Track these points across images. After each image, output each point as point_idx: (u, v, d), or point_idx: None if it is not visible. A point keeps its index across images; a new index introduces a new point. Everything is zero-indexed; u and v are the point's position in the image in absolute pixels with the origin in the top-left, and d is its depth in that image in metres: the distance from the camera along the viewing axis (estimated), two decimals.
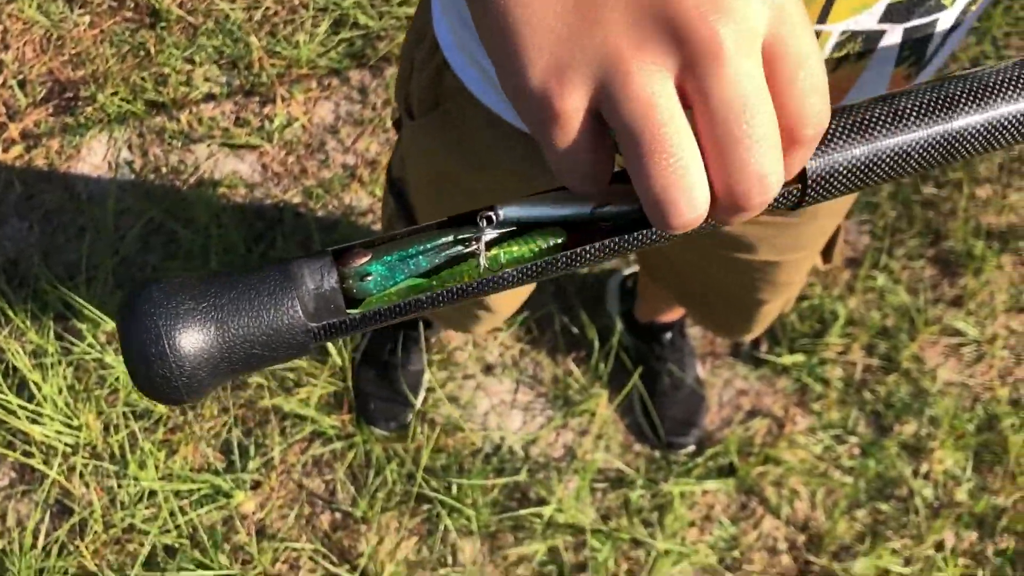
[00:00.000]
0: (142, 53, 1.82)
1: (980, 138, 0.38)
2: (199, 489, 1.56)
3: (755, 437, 1.64)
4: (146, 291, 0.34)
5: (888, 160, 0.37)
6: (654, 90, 0.29)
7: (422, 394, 1.61)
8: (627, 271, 1.69)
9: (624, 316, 1.65)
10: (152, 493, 1.55)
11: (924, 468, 1.63)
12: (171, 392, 0.33)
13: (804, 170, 0.36)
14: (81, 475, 1.56)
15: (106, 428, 1.59)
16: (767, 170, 0.30)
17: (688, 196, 0.30)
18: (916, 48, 0.57)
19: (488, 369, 1.67)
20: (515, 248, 0.36)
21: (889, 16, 0.54)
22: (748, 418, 1.66)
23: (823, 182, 0.37)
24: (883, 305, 1.73)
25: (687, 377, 1.62)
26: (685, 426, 1.60)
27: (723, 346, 1.71)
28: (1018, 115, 0.38)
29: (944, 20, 0.57)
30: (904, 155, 0.37)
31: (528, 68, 0.30)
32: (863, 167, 0.37)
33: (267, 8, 1.86)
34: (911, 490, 1.61)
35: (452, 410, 1.63)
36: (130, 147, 1.77)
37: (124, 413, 1.59)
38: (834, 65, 0.56)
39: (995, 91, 0.38)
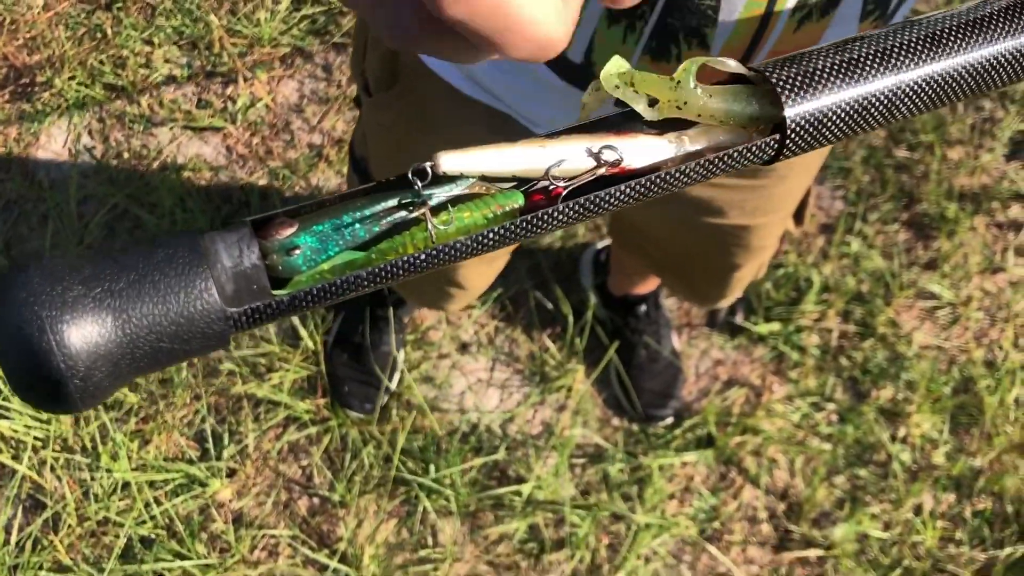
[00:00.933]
0: (99, 35, 1.78)
1: (972, 77, 0.35)
2: (174, 479, 1.53)
3: (733, 407, 1.64)
4: (23, 275, 0.27)
5: (878, 104, 0.34)
6: None
7: (397, 375, 1.59)
8: (600, 244, 1.68)
9: (598, 290, 1.64)
10: (126, 485, 1.53)
11: (902, 432, 1.64)
12: (61, 399, 0.27)
13: (783, 119, 0.32)
14: (52, 469, 1.54)
15: (76, 420, 1.56)
16: None
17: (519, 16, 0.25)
18: (879, 1, 0.56)
19: (463, 348, 1.65)
20: (467, 214, 0.31)
21: None
22: (725, 388, 1.66)
23: (805, 131, 0.33)
24: (858, 271, 1.72)
25: (663, 349, 1.61)
26: (662, 398, 1.59)
27: (699, 317, 1.70)
28: (1002, 53, 0.36)
29: None
30: (895, 98, 0.34)
31: None
32: (851, 113, 0.33)
33: None
34: (889, 455, 1.62)
35: (428, 390, 1.61)
36: (90, 132, 1.73)
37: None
38: (796, 24, 0.54)
39: (978, 28, 0.35)
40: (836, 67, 0.33)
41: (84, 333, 0.27)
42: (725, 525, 1.57)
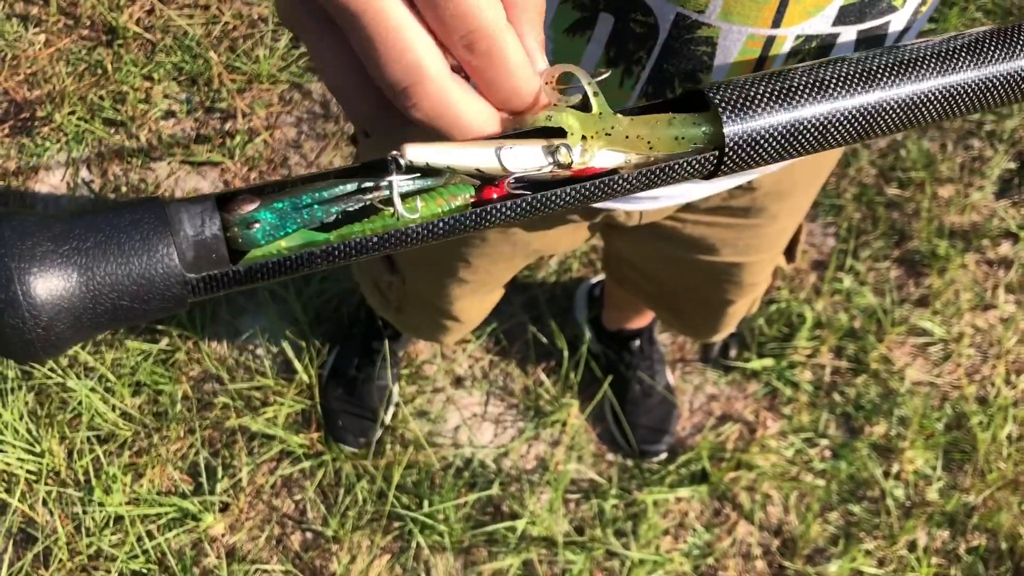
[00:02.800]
0: (99, 71, 1.80)
1: (901, 111, 0.38)
2: (167, 513, 1.53)
3: (727, 442, 1.64)
4: None
5: (810, 130, 0.36)
6: None
7: (391, 409, 1.60)
8: (595, 279, 1.69)
9: (592, 324, 1.65)
10: (119, 518, 1.52)
11: (895, 468, 1.64)
12: (24, 347, 0.29)
13: (722, 135, 0.35)
14: (45, 503, 1.53)
15: (70, 454, 1.56)
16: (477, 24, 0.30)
17: (430, 85, 0.31)
18: (871, 46, 0.57)
19: (458, 382, 1.65)
20: (422, 203, 0.33)
21: (842, 19, 0.54)
22: (719, 424, 1.66)
23: (741, 149, 0.35)
24: (850, 307, 1.73)
25: (657, 384, 1.61)
26: (657, 433, 1.59)
27: (693, 352, 1.71)
28: (944, 88, 0.38)
29: (896, 21, 0.57)
30: (826, 125, 0.36)
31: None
32: (784, 135, 0.36)
33: (226, 23, 1.84)
34: (883, 491, 1.62)
35: (422, 425, 1.61)
36: (89, 166, 1.74)
37: (88, 438, 1.56)
38: None
39: (920, 64, 0.38)
40: (773, 92, 0.35)
41: (50, 286, 0.28)
42: (719, 561, 1.57)
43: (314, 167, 1.76)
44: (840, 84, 0.36)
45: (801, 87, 0.36)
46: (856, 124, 0.37)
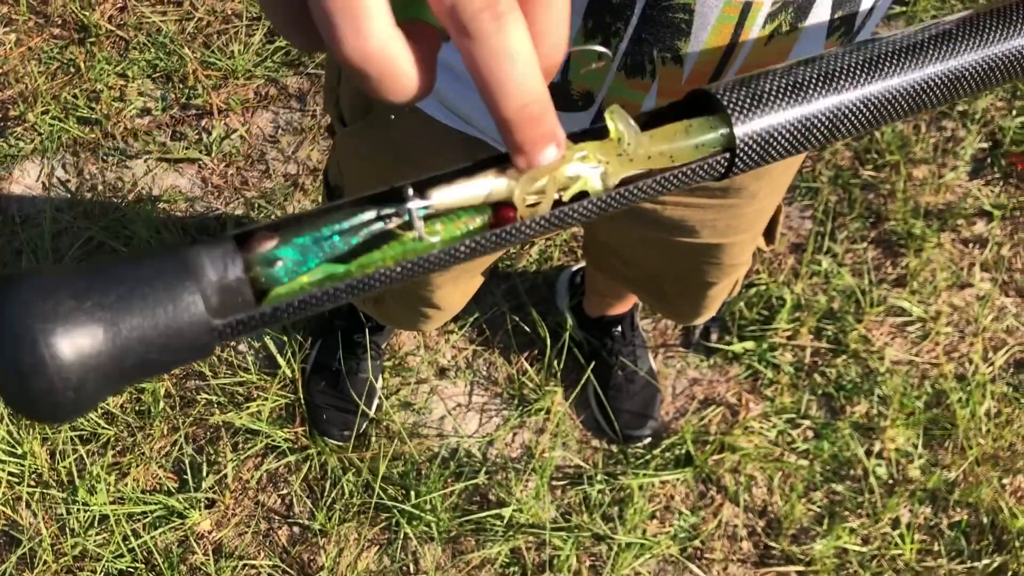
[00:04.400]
0: (72, 70, 1.78)
1: (910, 97, 0.38)
2: (152, 511, 1.52)
3: (710, 426, 1.65)
4: (14, 288, 0.27)
5: (820, 123, 0.36)
6: None
7: (376, 402, 1.60)
8: (576, 267, 1.69)
9: (574, 312, 1.65)
10: (104, 518, 1.51)
11: (877, 447, 1.65)
12: (54, 410, 0.28)
13: (733, 136, 0.35)
14: (28, 504, 1.52)
15: (52, 454, 1.55)
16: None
17: (385, 64, 0.28)
18: (846, 16, 0.58)
19: (441, 372, 1.66)
20: (440, 227, 0.32)
21: None
22: (702, 407, 1.67)
23: (751, 149, 0.35)
24: (829, 288, 1.75)
25: (640, 369, 1.62)
26: (640, 418, 1.60)
27: (674, 337, 1.72)
28: (946, 73, 0.38)
29: None
30: (836, 118, 0.36)
31: None
32: (794, 131, 0.36)
33: (200, 19, 1.83)
34: (865, 470, 1.63)
35: (407, 416, 1.61)
36: (64, 166, 1.73)
37: (71, 438, 1.55)
38: (766, 39, 0.56)
39: (922, 50, 0.38)
40: (781, 89, 0.36)
41: (76, 345, 0.27)
42: (706, 543, 1.58)
43: (292, 162, 1.76)
44: (846, 75, 0.36)
45: (809, 80, 0.36)
46: (864, 114, 0.37)
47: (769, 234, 0.98)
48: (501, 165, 0.33)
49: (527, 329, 1.67)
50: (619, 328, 1.61)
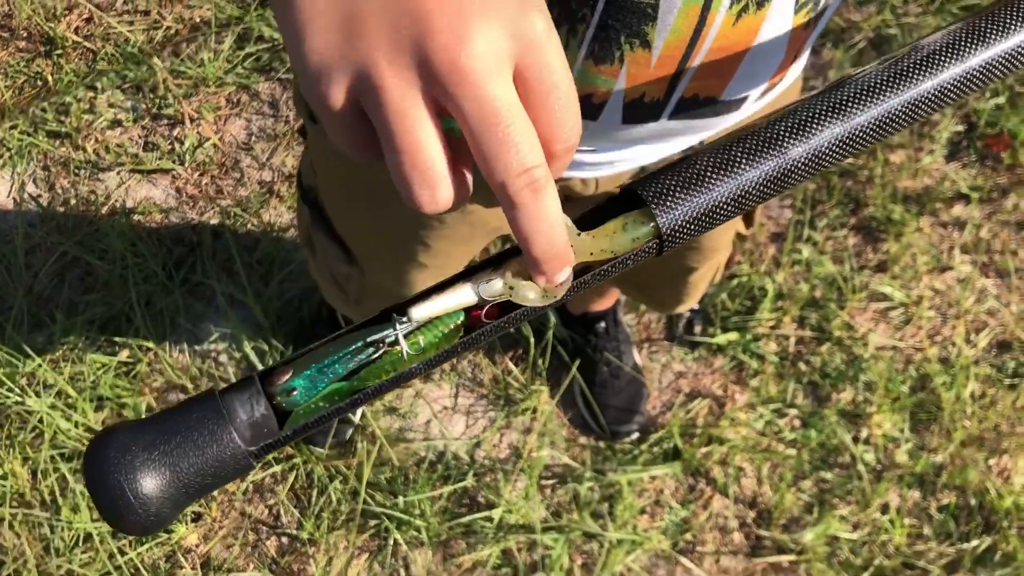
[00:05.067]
0: (39, 83, 1.76)
1: (806, 167, 0.43)
2: None
3: (697, 418, 1.65)
4: (102, 451, 0.37)
5: (727, 203, 0.42)
6: (404, 102, 0.34)
7: (361, 408, 1.58)
8: None
9: (557, 310, 1.65)
10: (88, 536, 1.49)
11: (864, 433, 1.66)
12: (143, 530, 0.38)
13: (657, 227, 0.41)
14: (11, 525, 1.50)
15: (34, 474, 1.53)
16: (531, 162, 0.35)
17: (431, 191, 0.36)
18: None
19: (426, 376, 1.64)
20: (420, 338, 0.40)
21: None
22: (688, 400, 1.67)
23: (674, 234, 0.41)
24: (810, 277, 1.75)
25: (625, 365, 1.61)
26: (627, 414, 1.60)
27: (658, 331, 1.71)
28: (839, 138, 0.44)
29: None
30: (741, 196, 0.42)
31: (304, 62, 0.36)
32: (707, 213, 0.42)
33: (168, 28, 1.81)
34: (853, 456, 1.64)
35: (393, 421, 1.60)
36: (35, 181, 1.71)
37: (52, 456, 1.53)
38: (735, 17, 0.56)
39: (815, 120, 0.43)
40: (686, 180, 0.42)
41: (151, 486, 0.37)
42: (697, 536, 1.58)
43: (267, 168, 1.74)
44: (745, 158, 0.42)
45: (709, 168, 0.42)
46: (767, 187, 0.43)
47: (748, 217, 0.98)
48: (470, 277, 0.40)
49: (510, 329, 1.66)
50: (603, 324, 1.60)
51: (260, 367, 1.57)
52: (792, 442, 1.64)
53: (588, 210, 0.43)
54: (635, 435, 1.61)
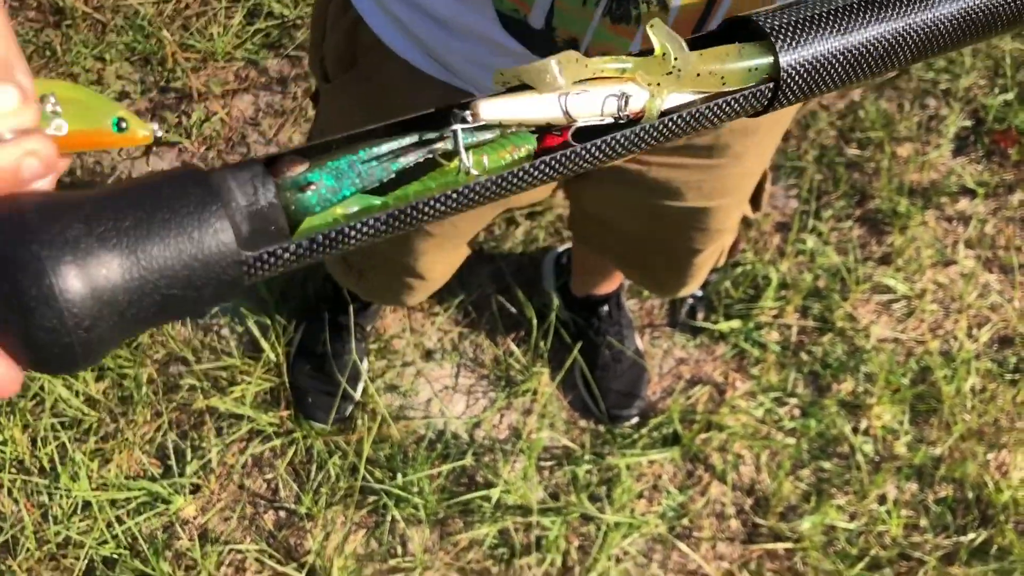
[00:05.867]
0: (48, 53, 1.76)
1: (957, 26, 0.35)
2: (136, 497, 1.51)
3: (697, 405, 1.65)
4: (16, 210, 0.24)
5: (866, 55, 0.34)
6: None
7: (361, 384, 1.58)
8: (561, 248, 1.69)
9: (561, 292, 1.65)
10: (87, 505, 1.49)
11: (863, 424, 1.66)
12: (61, 353, 0.24)
13: (777, 63, 0.33)
14: (9, 491, 1.50)
15: (33, 441, 1.53)
16: None
17: None
18: None
19: (427, 355, 1.64)
20: (484, 157, 0.30)
21: None
22: (689, 386, 1.67)
23: (796, 78, 0.33)
24: (814, 267, 1.75)
25: (627, 349, 1.62)
26: (627, 398, 1.60)
27: (661, 317, 1.71)
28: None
29: None
30: (884, 50, 0.34)
31: None
32: (841, 63, 0.33)
33: (178, 1, 1.81)
34: (852, 447, 1.64)
35: (393, 399, 1.60)
36: None
37: (52, 424, 1.53)
38: None
39: None
40: (828, 14, 0.33)
41: (88, 276, 0.23)
42: (694, 522, 1.58)
43: (273, 144, 1.74)
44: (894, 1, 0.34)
45: (856, 6, 0.34)
46: (914, 43, 0.35)
47: (755, 200, 0.98)
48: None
49: (513, 310, 1.66)
50: (606, 307, 1.60)
51: (264, 342, 1.57)
52: (791, 431, 1.64)
53: (697, 35, 0.35)
54: (635, 419, 1.61)
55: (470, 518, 1.54)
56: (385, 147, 0.29)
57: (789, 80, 0.33)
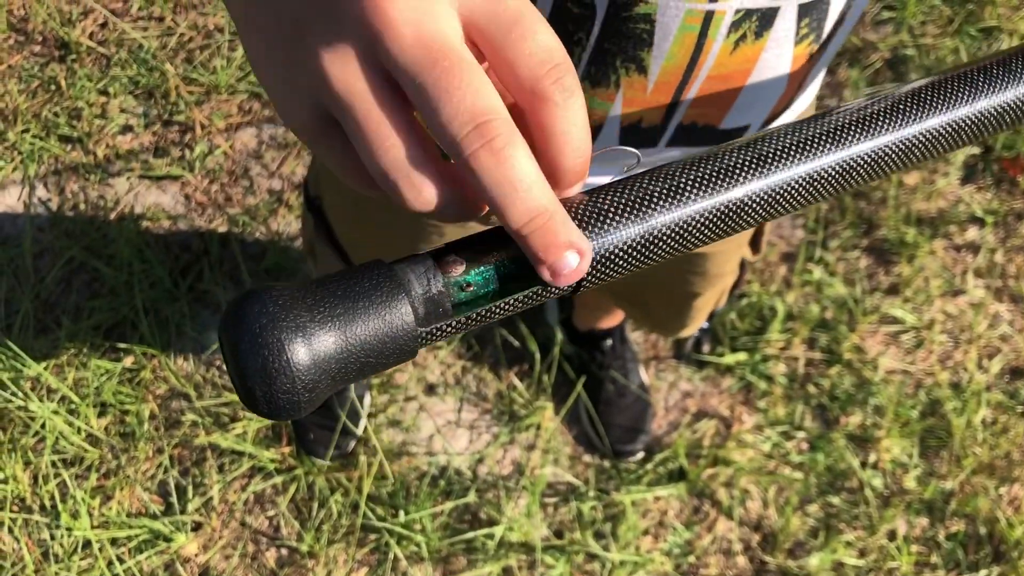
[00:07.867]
0: (53, 87, 1.76)
1: (761, 205, 0.38)
2: (137, 535, 1.50)
3: (703, 439, 1.63)
4: (259, 303, 0.32)
5: (667, 237, 0.36)
6: (356, 84, 0.31)
7: (363, 420, 1.57)
8: None
9: (564, 326, 1.63)
10: (87, 543, 1.49)
11: (872, 458, 1.63)
12: (291, 408, 0.32)
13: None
14: (10, 530, 1.49)
15: (35, 479, 1.52)
16: (483, 109, 0.31)
17: (413, 186, 0.32)
18: (813, 24, 0.56)
19: (430, 389, 1.63)
20: None
21: None
22: (695, 420, 1.65)
23: (600, 265, 0.36)
24: (821, 298, 1.73)
25: (631, 383, 1.60)
26: (632, 433, 1.58)
27: (666, 349, 1.70)
28: (796, 179, 0.38)
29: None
30: (683, 230, 0.36)
31: (277, 106, 0.35)
32: (641, 246, 0.36)
33: (181, 35, 1.81)
34: (861, 481, 1.61)
35: (395, 434, 1.59)
36: (46, 185, 1.71)
37: (53, 462, 1.52)
38: (732, 46, 0.55)
39: (773, 158, 0.38)
40: (623, 205, 0.36)
41: (312, 351, 0.32)
42: (700, 559, 1.56)
43: (276, 177, 1.74)
44: (695, 187, 0.36)
45: (655, 194, 0.36)
46: (718, 222, 0.37)
47: (754, 243, 0.96)
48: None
49: (516, 344, 1.65)
50: (609, 341, 1.59)
51: None
52: (799, 465, 1.62)
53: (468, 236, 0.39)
54: (640, 454, 1.59)
55: (473, 556, 1.52)
56: (514, 251, 0.35)
57: (592, 265, 0.36)
